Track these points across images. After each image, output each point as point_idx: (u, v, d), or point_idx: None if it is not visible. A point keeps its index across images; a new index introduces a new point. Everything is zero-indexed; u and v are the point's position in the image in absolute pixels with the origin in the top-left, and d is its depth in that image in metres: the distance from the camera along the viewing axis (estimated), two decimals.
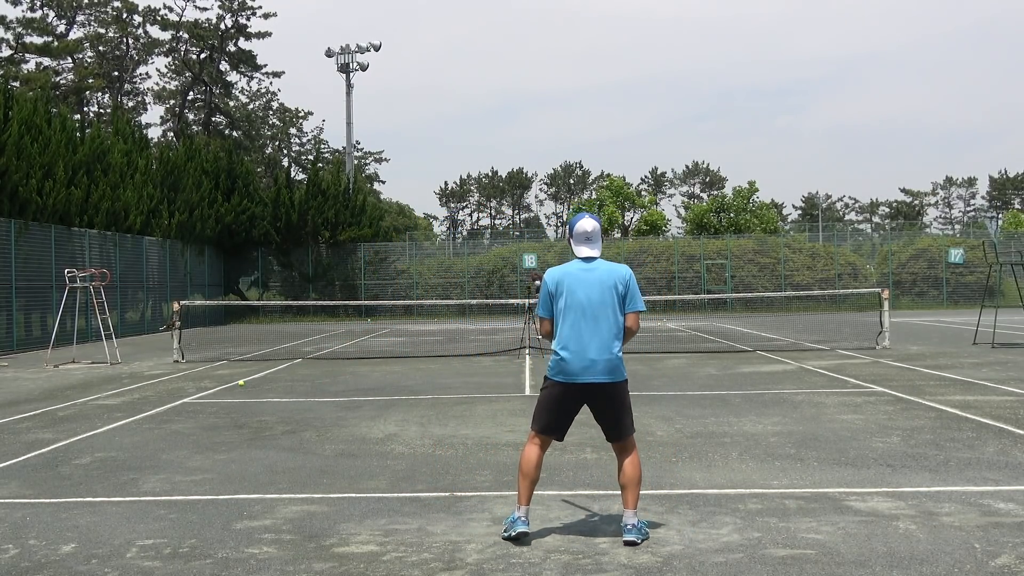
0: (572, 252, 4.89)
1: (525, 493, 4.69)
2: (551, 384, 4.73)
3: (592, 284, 4.71)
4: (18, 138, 20.48)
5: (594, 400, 4.70)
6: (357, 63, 42.21)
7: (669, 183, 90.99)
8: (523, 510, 4.67)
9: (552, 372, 4.73)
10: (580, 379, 4.63)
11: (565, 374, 4.66)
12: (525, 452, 4.76)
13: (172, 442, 7.78)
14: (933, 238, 41.30)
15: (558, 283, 4.77)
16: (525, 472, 4.70)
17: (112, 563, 4.43)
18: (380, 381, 12.29)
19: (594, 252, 4.83)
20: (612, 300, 4.71)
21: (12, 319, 19.26)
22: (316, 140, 67.61)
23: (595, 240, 4.84)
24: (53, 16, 49.90)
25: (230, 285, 35.71)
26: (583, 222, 4.86)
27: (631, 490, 4.68)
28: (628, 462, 4.73)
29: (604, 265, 4.80)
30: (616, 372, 4.68)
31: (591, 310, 4.67)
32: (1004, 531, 4.69)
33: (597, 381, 4.63)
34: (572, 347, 4.65)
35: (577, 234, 4.85)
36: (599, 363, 4.63)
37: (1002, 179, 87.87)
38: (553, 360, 4.73)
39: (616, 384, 4.69)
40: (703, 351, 16.33)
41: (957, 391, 10.19)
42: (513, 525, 4.65)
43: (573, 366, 4.63)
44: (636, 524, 4.63)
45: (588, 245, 4.83)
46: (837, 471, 6.17)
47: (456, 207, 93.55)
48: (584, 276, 4.74)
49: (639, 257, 36.82)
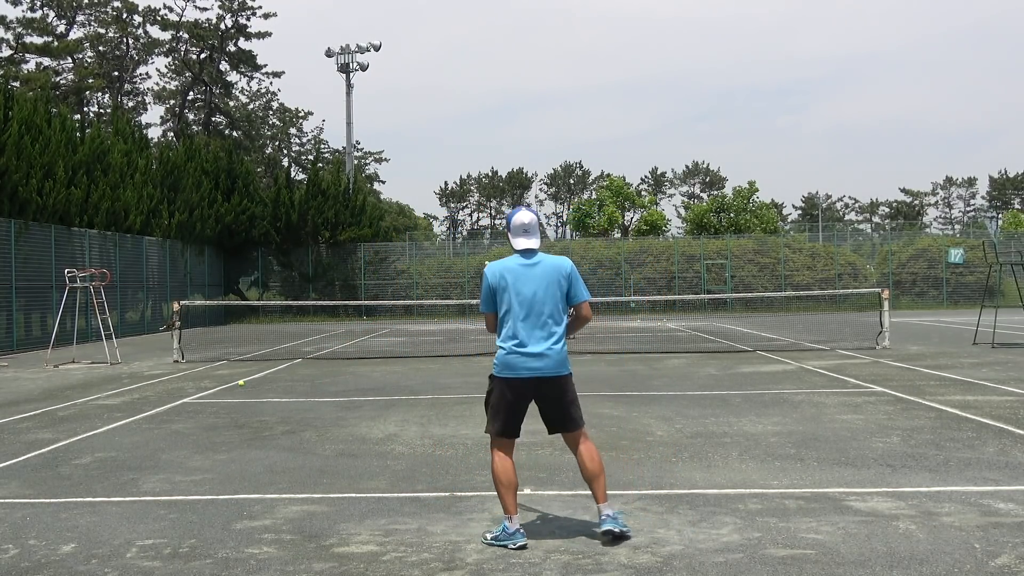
0: (511, 246, 4.87)
1: (512, 502, 4.61)
2: (499, 382, 4.70)
3: (536, 278, 4.70)
4: (18, 138, 20.49)
5: (542, 394, 4.70)
6: (357, 63, 42.23)
7: (669, 183, 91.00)
8: (516, 520, 4.60)
9: (499, 369, 4.70)
10: (528, 374, 4.63)
11: (513, 369, 4.65)
12: (497, 463, 4.67)
13: (172, 442, 7.78)
14: (933, 238, 41.30)
15: (500, 278, 4.73)
16: (505, 483, 4.62)
17: (112, 563, 4.43)
18: (380, 381, 12.29)
19: (532, 243, 4.80)
20: (556, 294, 4.72)
21: (12, 319, 19.27)
22: (316, 140, 67.67)
23: (532, 232, 4.83)
24: (53, 16, 49.93)
25: (230, 285, 35.70)
26: (520, 214, 4.88)
27: (598, 482, 4.67)
28: (586, 454, 4.72)
29: (546, 259, 4.79)
30: (563, 365, 4.70)
31: (536, 305, 4.67)
32: (1004, 531, 4.69)
33: (545, 375, 4.64)
34: (518, 342, 4.64)
35: (515, 227, 4.84)
36: (546, 357, 4.64)
37: (1002, 179, 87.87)
38: (499, 356, 4.70)
39: (563, 377, 4.71)
40: (703, 351, 16.33)
41: (957, 391, 10.19)
42: (513, 538, 4.54)
43: (520, 361, 4.63)
44: (612, 514, 4.63)
45: (526, 236, 4.81)
46: (837, 471, 6.17)
47: (456, 207, 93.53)
48: (527, 271, 4.73)
49: (639, 257, 36.82)
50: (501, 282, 4.73)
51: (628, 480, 6.01)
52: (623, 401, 9.85)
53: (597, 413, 8.93)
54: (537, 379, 4.64)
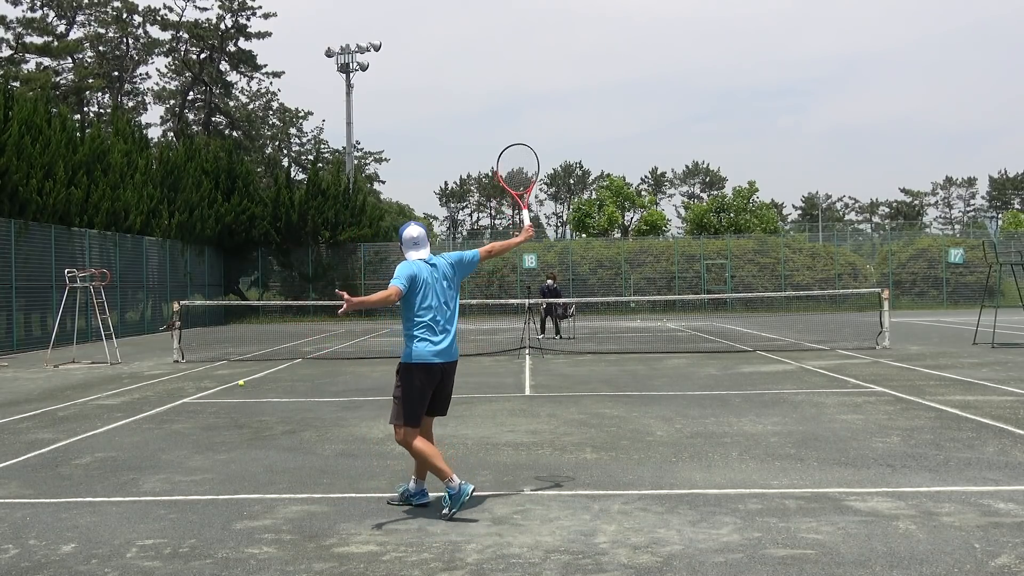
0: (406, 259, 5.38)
1: (447, 467, 5.12)
2: (413, 369, 5.18)
3: (439, 276, 5.32)
4: (18, 138, 20.49)
5: (444, 379, 5.32)
6: (357, 63, 42.21)
7: (669, 183, 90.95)
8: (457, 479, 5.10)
9: (416, 357, 5.17)
10: (440, 360, 5.22)
11: (427, 357, 5.17)
12: (418, 445, 5.16)
13: (172, 442, 7.78)
14: (933, 238, 41.31)
15: (417, 272, 5.23)
16: (434, 454, 5.16)
17: (112, 563, 4.43)
18: (380, 381, 12.29)
19: (423, 254, 5.36)
20: (454, 285, 5.40)
21: (12, 319, 19.27)
22: (316, 140, 67.66)
23: (422, 244, 5.39)
24: (53, 16, 49.90)
25: (230, 285, 35.71)
26: (409, 230, 5.41)
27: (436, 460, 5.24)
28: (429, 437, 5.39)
29: (436, 258, 5.41)
30: (457, 352, 5.40)
31: (441, 298, 5.29)
32: (1004, 531, 4.69)
33: (451, 360, 5.31)
34: (431, 333, 5.20)
35: (406, 241, 5.39)
36: (451, 344, 5.31)
37: (1002, 179, 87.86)
38: (416, 347, 5.18)
39: (456, 362, 5.40)
40: (703, 351, 16.33)
41: (957, 391, 10.19)
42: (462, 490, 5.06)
43: (433, 350, 5.19)
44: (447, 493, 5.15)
45: (416, 249, 5.37)
46: (837, 471, 6.17)
47: (456, 207, 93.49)
48: (432, 270, 5.31)
49: (639, 257, 36.82)
50: (418, 277, 5.23)
51: (628, 480, 6.01)
52: (623, 401, 9.85)
53: (597, 413, 8.94)
54: (445, 364, 5.27)
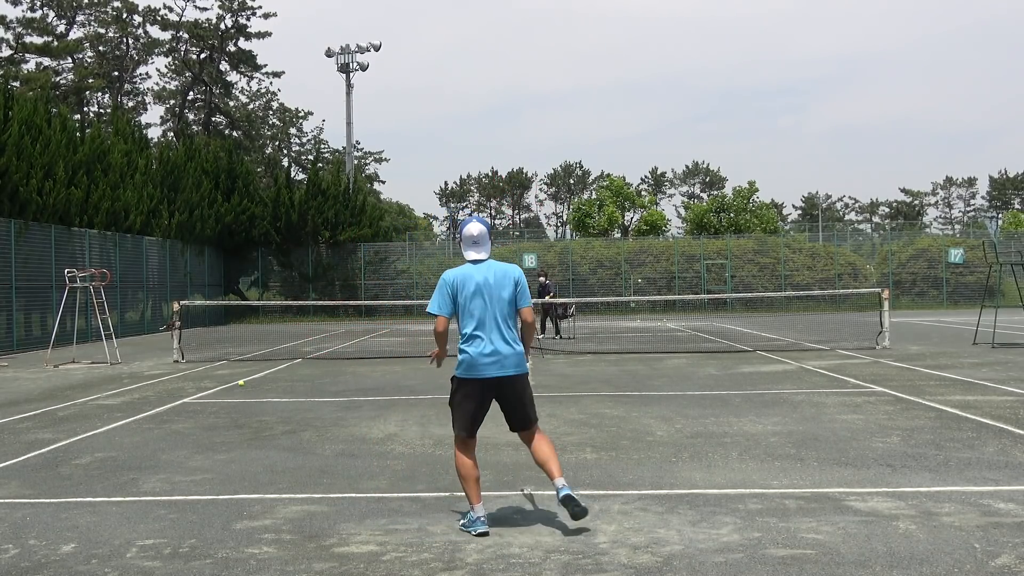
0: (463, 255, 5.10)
1: (475, 493, 4.85)
2: (463, 383, 4.93)
3: (491, 284, 4.94)
4: (18, 138, 20.48)
5: (503, 393, 4.94)
6: (357, 63, 42.21)
7: (669, 183, 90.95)
8: (480, 509, 4.82)
9: (463, 371, 4.92)
10: (490, 374, 4.87)
11: (475, 371, 4.87)
12: (461, 459, 4.92)
13: (172, 442, 7.78)
14: (933, 238, 41.31)
15: (457, 283, 4.96)
16: (468, 476, 4.87)
17: (112, 563, 4.43)
18: (380, 381, 12.29)
19: (481, 255, 5.04)
20: (510, 297, 4.97)
21: (12, 319, 19.27)
22: (316, 140, 67.71)
23: (483, 243, 5.07)
24: (53, 16, 49.91)
25: (230, 285, 35.71)
26: (470, 227, 5.09)
27: (553, 461, 4.91)
28: (539, 442, 4.99)
29: (496, 265, 5.03)
30: (521, 365, 4.97)
31: (492, 308, 4.91)
32: (1004, 531, 4.69)
33: (506, 375, 4.89)
34: (481, 345, 4.87)
35: (465, 238, 5.08)
36: (507, 357, 4.89)
37: (1002, 179, 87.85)
38: (462, 359, 4.92)
39: (522, 376, 4.97)
40: (703, 351, 16.33)
41: (957, 391, 10.18)
42: (474, 525, 4.78)
43: (482, 362, 4.86)
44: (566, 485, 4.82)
45: (475, 249, 5.05)
46: (837, 471, 6.17)
47: (456, 207, 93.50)
48: (482, 277, 4.96)
49: (639, 257, 36.82)
50: (457, 287, 4.96)
51: (628, 480, 6.01)
52: (623, 401, 9.85)
53: (597, 413, 8.94)
54: (499, 378, 4.88)
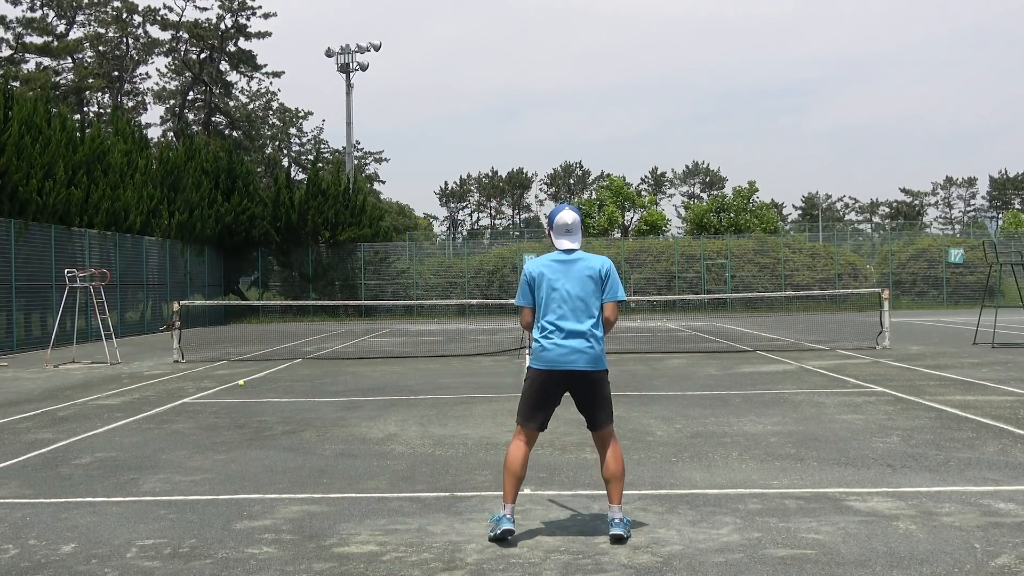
0: (553, 244, 4.92)
1: (512, 491, 4.67)
2: (535, 372, 4.76)
3: (573, 275, 4.77)
4: (18, 138, 20.48)
5: (576, 388, 4.74)
6: (357, 63, 42.22)
7: (669, 183, 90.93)
8: (509, 508, 4.65)
9: (536, 361, 4.77)
10: (563, 367, 4.68)
11: (547, 362, 4.70)
12: (512, 449, 4.74)
13: (172, 442, 7.78)
14: (933, 238, 41.32)
15: (539, 274, 4.81)
16: (512, 470, 4.68)
17: (112, 563, 4.43)
18: (380, 381, 12.29)
19: (574, 244, 4.87)
20: (593, 290, 4.77)
21: (12, 319, 19.27)
22: (316, 140, 67.69)
23: (575, 232, 4.88)
24: (53, 16, 49.90)
25: (230, 285, 35.70)
26: (563, 214, 4.89)
27: (616, 484, 4.69)
28: (611, 455, 4.73)
29: (585, 256, 4.85)
30: (598, 361, 4.74)
31: (572, 300, 4.73)
32: (1004, 531, 4.69)
33: (579, 369, 4.68)
34: (556, 336, 4.70)
35: (558, 226, 4.88)
36: (582, 351, 4.69)
37: (1002, 179, 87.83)
38: (536, 349, 4.78)
39: (598, 372, 4.75)
40: (703, 351, 16.33)
41: (957, 391, 10.19)
42: (499, 523, 4.62)
43: (557, 354, 4.68)
44: (623, 519, 4.65)
45: (568, 237, 4.87)
46: (837, 471, 6.17)
47: (456, 207, 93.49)
48: (565, 267, 4.79)
49: (639, 257, 36.81)
50: (540, 278, 4.80)
51: (628, 480, 5.97)
52: (623, 401, 9.85)
53: None
54: (572, 372, 4.69)
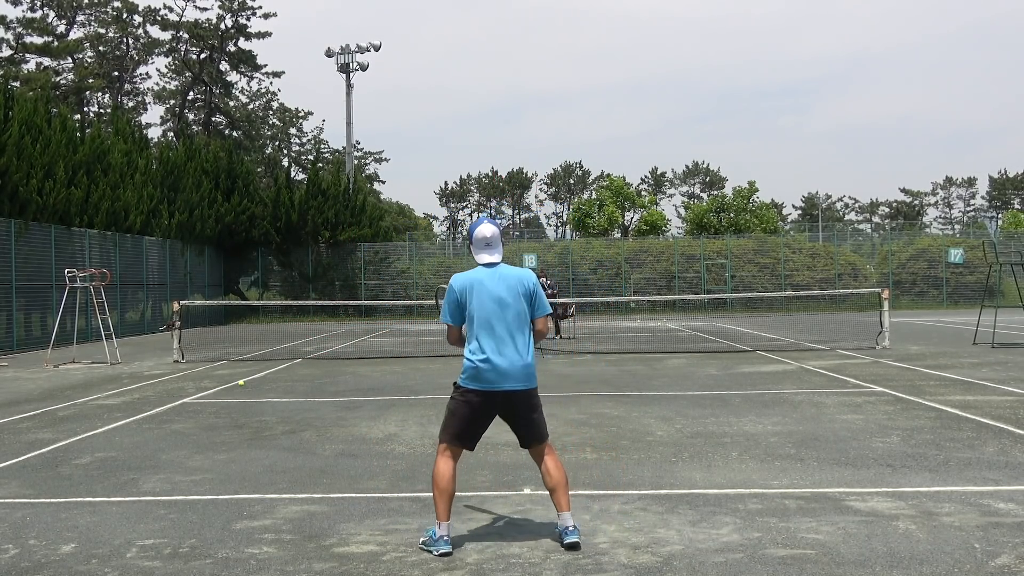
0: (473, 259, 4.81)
1: (446, 509, 4.55)
2: (466, 392, 4.62)
3: (503, 291, 4.65)
4: (18, 138, 20.48)
5: (512, 407, 4.65)
6: (357, 63, 42.21)
7: (669, 183, 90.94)
8: (446, 527, 4.52)
9: (466, 380, 4.63)
10: (498, 386, 4.57)
11: (482, 382, 4.58)
12: (441, 467, 4.61)
13: (172, 442, 7.78)
14: (933, 238, 41.33)
15: (466, 290, 4.67)
16: (442, 488, 4.56)
17: (112, 563, 4.43)
18: (380, 381, 12.29)
19: (495, 258, 4.76)
20: (523, 306, 4.68)
21: (12, 319, 19.27)
22: (316, 140, 67.69)
23: (495, 245, 4.78)
24: (53, 16, 49.90)
25: (230, 285, 35.70)
26: (482, 228, 4.80)
27: (562, 492, 4.61)
28: (552, 465, 4.66)
29: (510, 271, 4.75)
30: (532, 378, 4.67)
31: (504, 317, 4.62)
32: (1004, 531, 4.69)
33: (515, 388, 4.59)
34: (488, 355, 4.57)
35: (477, 240, 4.79)
36: (517, 369, 4.59)
37: (1002, 179, 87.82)
38: (467, 368, 4.62)
39: (532, 390, 4.68)
40: (703, 351, 16.33)
41: (957, 391, 10.19)
42: (437, 545, 4.47)
43: (491, 374, 4.57)
44: (575, 526, 4.56)
45: (488, 251, 4.77)
46: (837, 471, 6.17)
47: (456, 207, 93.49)
48: (493, 283, 4.67)
49: (639, 257, 36.81)
50: (466, 294, 4.67)
51: (628, 480, 6.01)
52: (623, 401, 9.85)
53: (597, 413, 8.94)
54: (507, 392, 4.59)
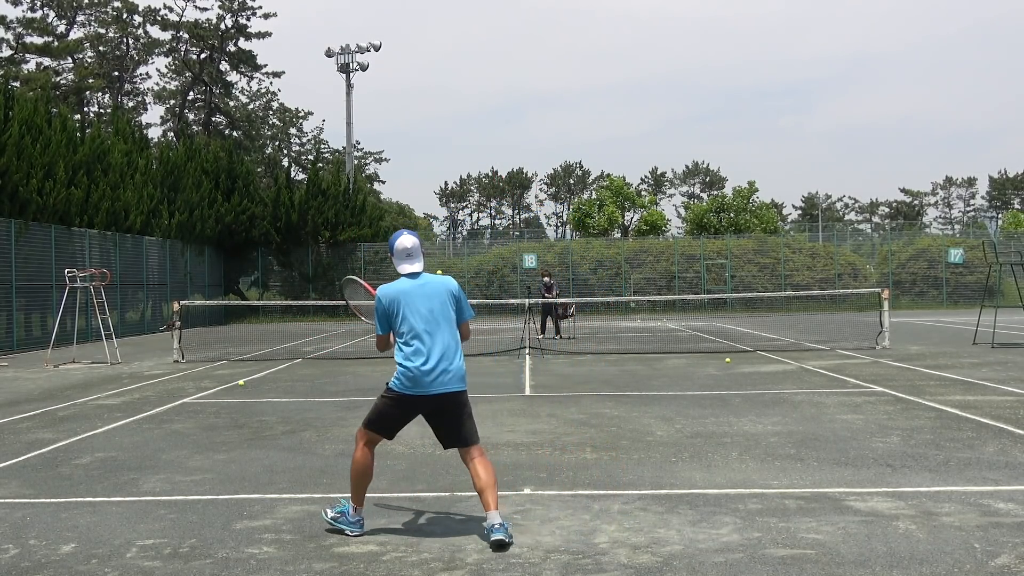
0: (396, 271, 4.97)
1: (363, 495, 4.89)
2: (397, 396, 4.79)
3: (430, 297, 4.85)
4: (18, 138, 20.48)
5: (441, 409, 4.80)
6: (357, 63, 42.21)
7: (669, 183, 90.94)
8: (361, 511, 4.88)
9: (399, 385, 4.77)
10: (430, 391, 4.73)
11: (416, 386, 4.73)
12: (361, 457, 4.85)
13: (172, 442, 7.78)
14: (933, 238, 41.32)
15: (394, 300, 4.83)
16: (363, 474, 4.85)
17: (112, 563, 4.43)
18: (380, 381, 12.27)
19: (416, 267, 4.94)
20: (449, 312, 4.88)
21: (12, 319, 19.27)
22: (316, 140, 67.71)
23: (416, 256, 4.95)
24: (53, 16, 49.91)
25: (230, 285, 35.70)
26: (402, 239, 4.96)
27: (491, 492, 4.70)
28: (481, 466, 4.77)
29: (434, 279, 4.95)
30: (463, 380, 4.85)
31: (433, 322, 4.81)
32: (1004, 531, 4.70)
33: (447, 391, 4.76)
34: (420, 360, 4.73)
35: (398, 252, 4.95)
36: (449, 373, 4.77)
37: (1002, 179, 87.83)
38: (401, 373, 4.77)
39: (463, 392, 4.85)
40: (703, 351, 16.33)
41: (957, 391, 10.19)
42: (353, 526, 4.82)
43: (423, 379, 4.72)
44: (503, 523, 4.62)
45: (409, 261, 4.94)
46: (837, 471, 6.17)
47: (456, 207, 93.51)
48: (420, 291, 4.86)
49: (639, 257, 36.80)
50: (395, 304, 4.83)
51: (628, 480, 6.01)
52: (623, 401, 9.85)
53: (597, 413, 8.94)
54: (438, 395, 4.75)
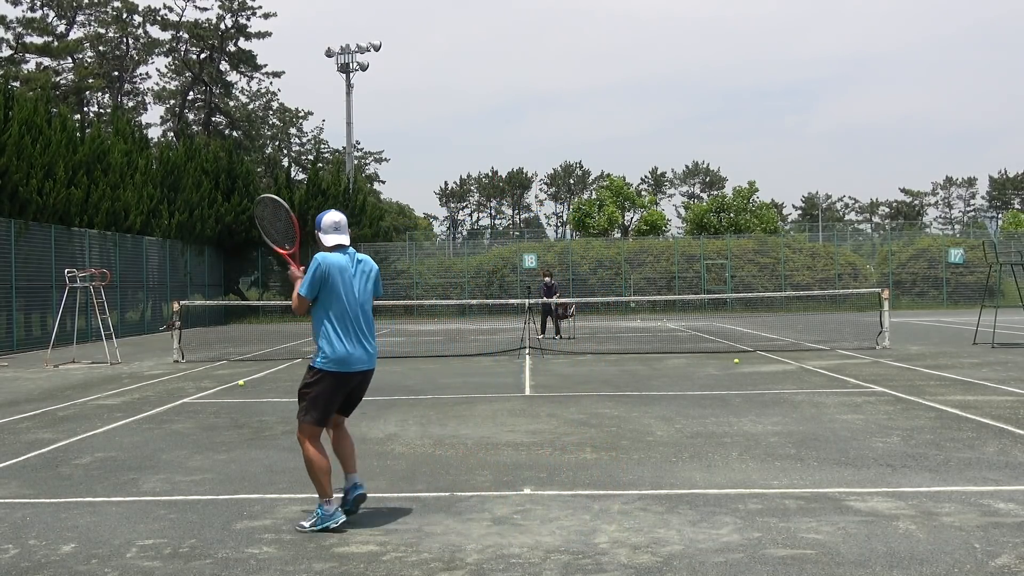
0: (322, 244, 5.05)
1: (329, 486, 4.94)
2: (326, 375, 4.91)
3: (362, 276, 5.03)
4: (18, 138, 20.47)
5: (360, 385, 5.09)
6: (357, 63, 42.23)
7: (669, 183, 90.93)
8: (335, 501, 4.98)
9: (335, 365, 4.89)
10: (355, 368, 4.94)
11: (346, 364, 4.90)
12: (315, 453, 4.94)
13: (172, 442, 7.78)
14: (933, 238, 41.34)
15: (332, 271, 4.90)
16: (325, 468, 4.93)
17: (112, 563, 4.43)
18: (380, 381, 12.26)
19: (343, 239, 5.06)
20: (373, 289, 5.11)
21: (12, 319, 19.26)
22: (316, 140, 67.65)
23: (343, 230, 5.09)
24: (53, 16, 49.90)
25: (230, 285, 35.69)
26: (330, 213, 5.14)
27: (353, 456, 5.15)
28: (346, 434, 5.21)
29: (363, 257, 5.12)
30: (375, 359, 5.12)
31: (367, 301, 5.02)
32: (1004, 531, 4.70)
33: (367, 368, 5.03)
34: (352, 340, 4.91)
35: (326, 225, 5.06)
36: (372, 352, 5.04)
37: (1002, 179, 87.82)
38: (330, 352, 4.89)
39: (373, 370, 5.14)
40: (703, 351, 16.33)
41: (957, 391, 10.19)
42: (334, 517, 4.89)
43: (350, 357, 4.90)
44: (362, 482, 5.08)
45: (337, 234, 5.06)
46: (837, 471, 6.17)
47: (456, 207, 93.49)
48: (355, 268, 5.00)
49: (639, 257, 36.80)
50: (330, 275, 4.90)
51: (628, 480, 6.01)
52: (623, 401, 9.85)
53: (597, 413, 8.94)
54: (360, 372, 5.00)
